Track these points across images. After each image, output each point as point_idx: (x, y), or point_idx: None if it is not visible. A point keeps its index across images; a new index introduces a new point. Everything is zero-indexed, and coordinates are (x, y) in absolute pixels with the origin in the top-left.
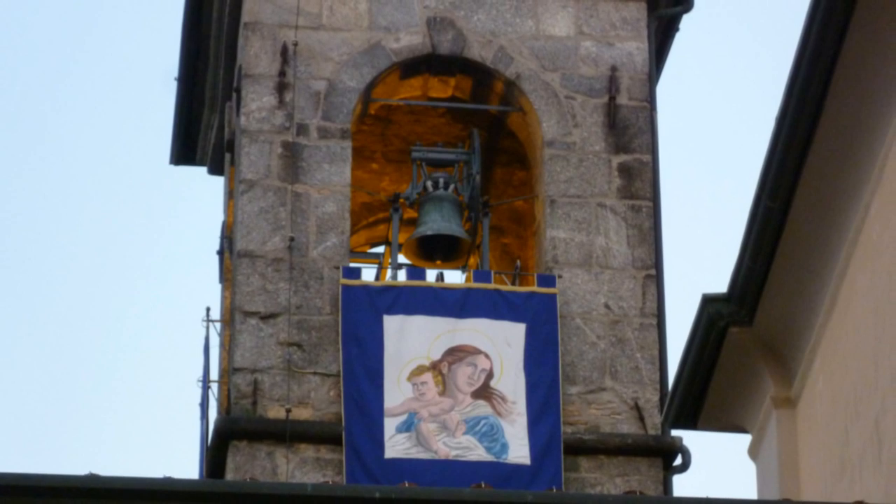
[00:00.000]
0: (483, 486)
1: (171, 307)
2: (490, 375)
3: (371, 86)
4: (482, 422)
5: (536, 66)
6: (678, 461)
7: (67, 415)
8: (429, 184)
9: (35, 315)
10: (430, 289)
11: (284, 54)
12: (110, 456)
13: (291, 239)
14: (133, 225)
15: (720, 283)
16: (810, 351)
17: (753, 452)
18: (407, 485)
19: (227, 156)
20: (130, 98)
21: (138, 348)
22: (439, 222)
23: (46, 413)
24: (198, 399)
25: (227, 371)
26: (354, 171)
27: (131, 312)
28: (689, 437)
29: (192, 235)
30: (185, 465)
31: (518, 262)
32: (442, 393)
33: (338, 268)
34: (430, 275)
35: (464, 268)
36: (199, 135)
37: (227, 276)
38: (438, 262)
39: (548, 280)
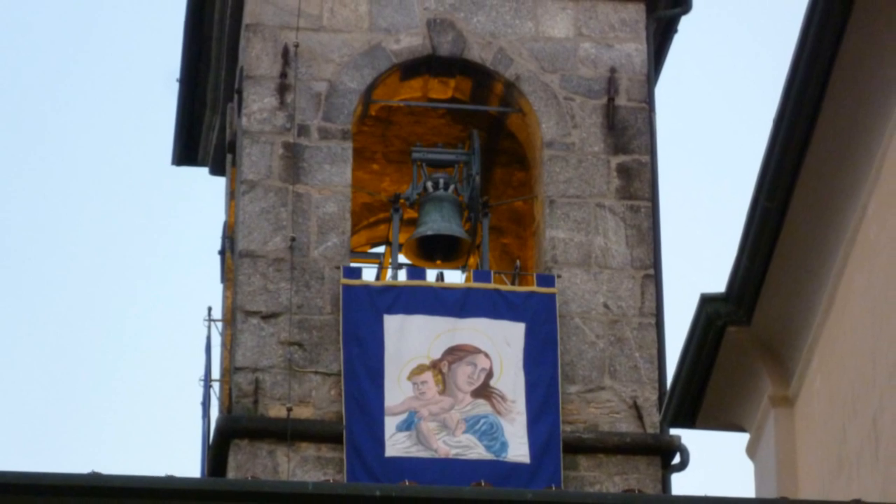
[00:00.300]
0: (483, 484)
1: (173, 307)
2: (490, 374)
3: (371, 87)
4: (482, 420)
5: (536, 67)
6: (676, 460)
7: (70, 414)
8: (429, 184)
9: (37, 315)
10: (430, 288)
11: (285, 56)
12: (112, 454)
13: (292, 239)
14: (135, 225)
15: (718, 283)
16: (808, 350)
17: (751, 451)
18: (407, 483)
19: (229, 156)
20: (132, 99)
21: (140, 348)
22: (439, 222)
23: (49, 412)
24: (199, 398)
25: (229, 370)
26: (355, 171)
27: (133, 312)
28: (688, 436)
29: (193, 235)
30: (186, 463)
31: (517, 262)
32: (442, 392)
33: (338, 268)
34: (431, 275)
35: (464, 268)
36: (201, 136)
37: (229, 275)
38: (438, 262)
39: (547, 280)
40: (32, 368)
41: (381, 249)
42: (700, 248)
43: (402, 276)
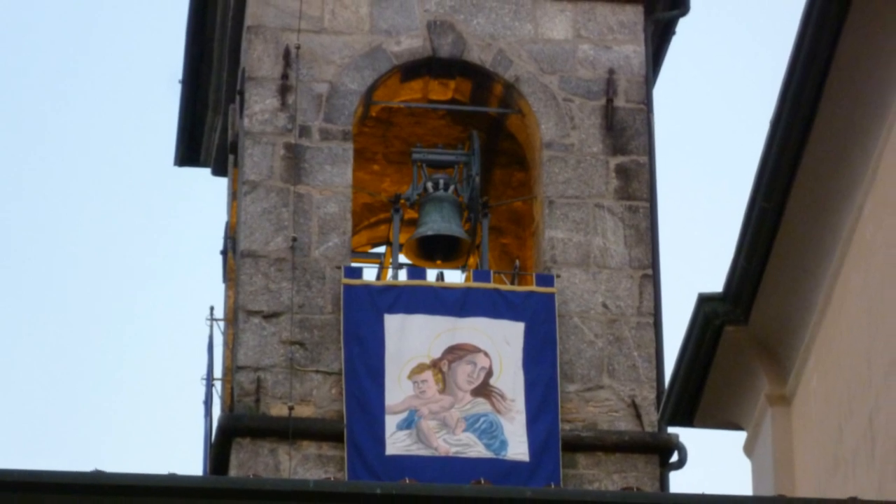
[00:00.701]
0: (482, 482)
1: (176, 306)
2: (489, 373)
3: (372, 88)
4: (482, 419)
5: (535, 68)
6: (674, 458)
7: (73, 412)
8: (429, 185)
9: (41, 314)
10: (430, 288)
11: (287, 57)
12: (115, 453)
13: (294, 239)
14: (137, 226)
15: (716, 283)
16: (805, 349)
17: (749, 449)
18: (408, 481)
19: (231, 157)
20: (135, 100)
21: (143, 347)
22: (439, 223)
23: (52, 411)
24: (202, 397)
25: (231, 369)
26: (356, 172)
27: (136, 312)
28: (686, 435)
29: (195, 236)
30: (189, 461)
31: (517, 262)
32: (442, 391)
33: (339, 267)
34: (431, 274)
35: (463, 267)
36: (203, 137)
37: (231, 275)
38: (438, 262)
39: (546, 280)
40: (36, 367)
41: (381, 249)
42: (698, 249)
43: (403, 275)
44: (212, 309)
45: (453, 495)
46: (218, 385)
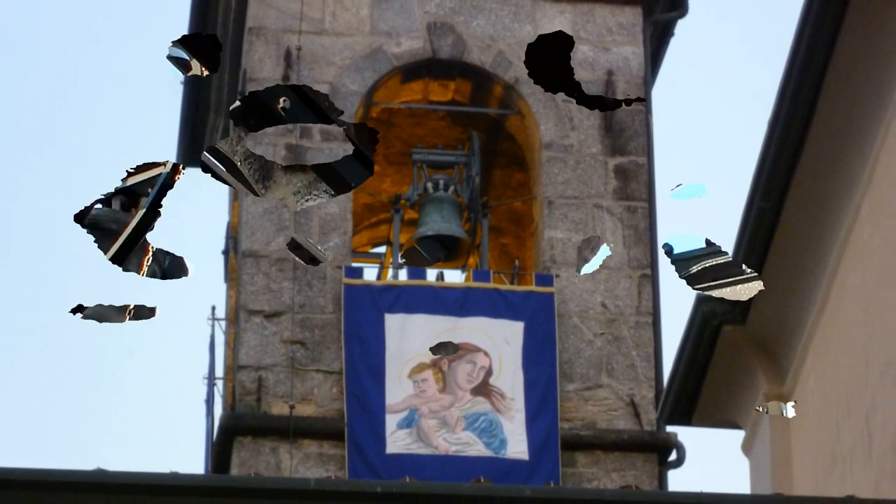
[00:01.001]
0: (482, 480)
1: (177, 306)
2: (489, 373)
3: (373, 89)
4: (481, 418)
5: None
6: (673, 457)
7: (75, 411)
8: (429, 185)
9: (43, 313)
10: (430, 288)
11: (288, 59)
12: (117, 451)
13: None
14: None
15: None
16: (802, 349)
17: (747, 448)
18: (408, 480)
19: None
20: (137, 101)
21: (145, 346)
22: (439, 223)
23: (55, 410)
24: (203, 396)
25: (232, 368)
26: None
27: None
28: (684, 433)
29: (197, 236)
30: (190, 460)
31: (516, 262)
32: (442, 390)
33: (340, 267)
34: (431, 274)
35: (463, 267)
36: (205, 137)
37: (232, 275)
38: (439, 262)
39: (545, 279)
40: (37, 367)
41: (382, 249)
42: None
43: (403, 275)
44: (213, 308)
45: (453, 494)
46: (219, 384)
